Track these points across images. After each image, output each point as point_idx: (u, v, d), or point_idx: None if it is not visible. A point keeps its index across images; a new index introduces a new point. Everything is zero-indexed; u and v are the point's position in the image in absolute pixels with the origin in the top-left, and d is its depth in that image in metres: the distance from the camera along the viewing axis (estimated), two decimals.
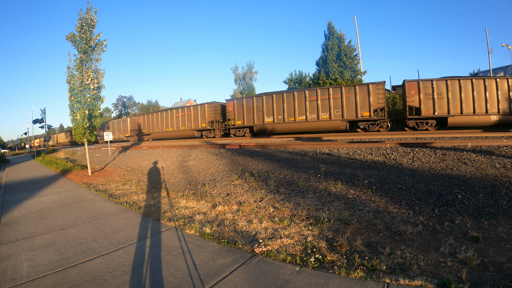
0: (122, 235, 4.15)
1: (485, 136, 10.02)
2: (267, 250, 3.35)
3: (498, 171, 5.72)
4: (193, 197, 6.28)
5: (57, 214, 5.53)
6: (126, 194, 7.13)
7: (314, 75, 28.55)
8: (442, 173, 6.03)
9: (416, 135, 12.90)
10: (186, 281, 2.78)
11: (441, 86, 15.34)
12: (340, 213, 4.48)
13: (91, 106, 10.52)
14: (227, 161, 10.01)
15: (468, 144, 8.12)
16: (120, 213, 5.37)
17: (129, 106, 67.85)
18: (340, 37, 27.54)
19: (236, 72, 42.00)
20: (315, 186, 5.98)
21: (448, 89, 15.23)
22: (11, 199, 7.33)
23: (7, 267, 3.31)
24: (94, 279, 2.91)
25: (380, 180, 5.93)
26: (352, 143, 10.47)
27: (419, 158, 7.38)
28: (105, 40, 10.69)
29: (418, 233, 3.64)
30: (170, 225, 4.52)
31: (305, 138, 15.87)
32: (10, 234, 4.53)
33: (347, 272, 2.77)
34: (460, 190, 4.88)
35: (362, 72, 27.25)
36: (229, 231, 4.14)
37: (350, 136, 14.63)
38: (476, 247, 3.16)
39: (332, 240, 3.58)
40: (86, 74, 10.29)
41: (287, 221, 4.35)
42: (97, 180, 9.55)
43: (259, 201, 5.47)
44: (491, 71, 29.71)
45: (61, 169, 12.86)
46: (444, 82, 15.27)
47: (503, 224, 3.64)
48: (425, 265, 2.89)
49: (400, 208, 4.47)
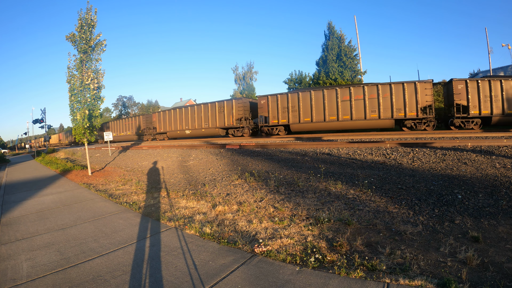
0: (122, 235, 4.15)
1: (485, 136, 10.02)
2: (267, 250, 3.35)
3: (498, 171, 5.72)
4: (193, 197, 6.28)
5: (57, 214, 5.53)
6: (126, 194, 7.13)
7: (314, 75, 28.54)
8: (442, 173, 6.03)
9: (416, 135, 12.90)
10: (186, 281, 2.78)
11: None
12: (340, 213, 4.48)
13: (91, 106, 10.53)
14: (227, 161, 10.02)
15: (468, 144, 8.12)
16: (120, 213, 5.37)
17: (129, 106, 67.90)
18: (340, 37, 27.54)
19: (236, 72, 42.05)
20: (315, 186, 5.98)
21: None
22: (11, 199, 7.33)
23: (7, 267, 3.31)
24: (94, 279, 2.91)
25: (380, 180, 5.93)
26: (352, 143, 10.47)
27: (419, 158, 7.38)
28: (105, 40, 10.70)
29: (418, 233, 3.64)
30: (170, 225, 4.52)
31: (305, 138, 15.86)
32: (10, 234, 4.53)
33: (347, 272, 2.77)
34: (460, 190, 4.88)
35: (362, 72, 27.25)
36: (229, 231, 4.14)
37: (350, 136, 14.63)
38: (476, 247, 3.16)
39: (332, 240, 3.58)
40: (86, 74, 10.29)
41: (287, 221, 4.35)
42: (97, 180, 9.55)
43: (259, 201, 5.47)
44: (491, 71, 29.72)
45: (61, 169, 12.86)
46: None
47: (503, 224, 3.64)
48: (425, 265, 2.89)
49: (400, 208, 4.47)
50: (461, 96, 15.73)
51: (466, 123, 15.95)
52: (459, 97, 15.74)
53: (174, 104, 68.54)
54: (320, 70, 28.11)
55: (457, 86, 15.82)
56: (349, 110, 17.58)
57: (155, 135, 29.16)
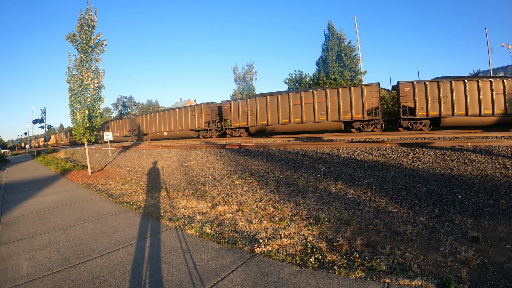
0: (122, 235, 4.15)
1: (485, 136, 10.02)
2: (267, 250, 3.35)
3: (498, 171, 5.72)
4: (193, 197, 6.28)
5: (57, 214, 5.53)
6: (126, 194, 7.13)
7: (314, 75, 28.55)
8: (442, 173, 6.03)
9: (416, 135, 12.90)
10: (186, 281, 2.78)
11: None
12: (340, 213, 4.48)
13: (91, 106, 10.53)
14: (227, 161, 10.01)
15: (468, 144, 8.12)
16: (120, 213, 5.37)
17: (129, 106, 67.88)
18: (340, 37, 27.55)
19: (236, 72, 42.00)
20: (315, 186, 5.98)
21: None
22: (11, 199, 7.33)
23: (7, 267, 3.31)
24: (94, 279, 2.91)
25: (380, 180, 5.93)
26: (352, 143, 10.47)
27: (419, 158, 7.38)
28: (105, 40, 10.70)
29: (418, 233, 3.64)
30: (170, 225, 4.52)
31: (305, 138, 15.87)
32: (10, 234, 4.53)
33: (347, 272, 2.77)
34: (460, 190, 4.88)
35: (362, 72, 27.25)
36: (229, 231, 4.14)
37: (350, 136, 14.64)
38: (476, 247, 3.16)
39: (332, 240, 3.58)
40: (86, 74, 10.29)
41: (287, 221, 4.35)
42: (97, 180, 9.55)
43: (259, 201, 5.47)
44: (491, 71, 29.71)
45: (61, 169, 12.87)
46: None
47: (503, 224, 3.64)
48: (425, 265, 2.89)
49: (400, 208, 4.47)
50: (407, 98, 16.32)
51: (414, 124, 16.47)
52: (405, 99, 16.35)
53: (174, 104, 68.55)
54: (320, 70, 28.12)
55: (403, 88, 16.40)
56: (300, 113, 19.00)
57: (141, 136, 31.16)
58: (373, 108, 16.80)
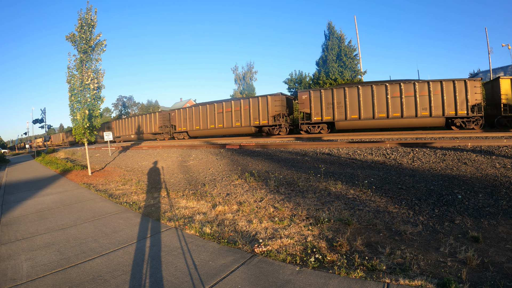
0: (122, 235, 4.15)
1: (485, 136, 10.02)
2: (267, 250, 3.35)
3: (498, 171, 5.72)
4: (193, 197, 6.28)
5: (57, 214, 5.53)
6: (126, 194, 7.13)
7: (314, 75, 28.54)
8: (442, 173, 6.03)
9: (416, 135, 12.90)
10: (186, 281, 2.78)
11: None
12: (340, 213, 4.48)
13: (91, 106, 10.53)
14: (227, 161, 10.02)
15: (468, 144, 8.12)
16: (120, 213, 5.37)
17: (129, 106, 67.95)
18: (340, 37, 27.54)
19: (236, 72, 42.08)
20: (315, 186, 5.98)
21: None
22: (11, 199, 7.33)
23: (7, 267, 3.31)
24: (94, 279, 2.91)
25: (380, 180, 5.93)
26: (352, 143, 10.47)
27: (419, 158, 7.38)
28: (105, 40, 10.69)
29: (418, 233, 3.64)
30: (170, 225, 4.52)
31: (305, 138, 15.87)
32: (10, 234, 4.53)
33: (347, 272, 2.77)
34: (460, 190, 4.88)
35: (362, 72, 27.26)
36: (229, 231, 4.14)
37: (350, 136, 14.64)
38: (476, 247, 3.16)
39: (332, 240, 3.58)
40: (86, 74, 10.28)
41: (287, 221, 4.35)
42: (97, 180, 9.55)
43: (259, 201, 5.47)
44: (491, 71, 29.71)
45: (61, 169, 12.86)
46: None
47: (503, 224, 3.64)
48: (425, 265, 2.89)
49: (400, 208, 4.47)
50: (304, 105, 18.24)
51: (312, 128, 18.41)
52: (303, 106, 18.33)
53: (174, 104, 68.51)
54: (320, 70, 28.11)
55: (301, 96, 18.42)
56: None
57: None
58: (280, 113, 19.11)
